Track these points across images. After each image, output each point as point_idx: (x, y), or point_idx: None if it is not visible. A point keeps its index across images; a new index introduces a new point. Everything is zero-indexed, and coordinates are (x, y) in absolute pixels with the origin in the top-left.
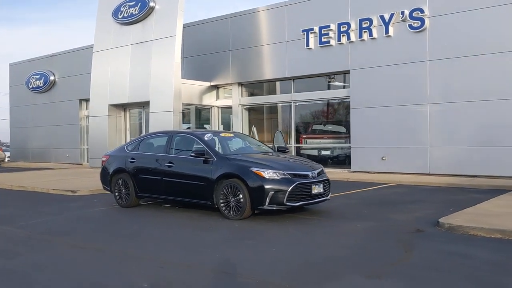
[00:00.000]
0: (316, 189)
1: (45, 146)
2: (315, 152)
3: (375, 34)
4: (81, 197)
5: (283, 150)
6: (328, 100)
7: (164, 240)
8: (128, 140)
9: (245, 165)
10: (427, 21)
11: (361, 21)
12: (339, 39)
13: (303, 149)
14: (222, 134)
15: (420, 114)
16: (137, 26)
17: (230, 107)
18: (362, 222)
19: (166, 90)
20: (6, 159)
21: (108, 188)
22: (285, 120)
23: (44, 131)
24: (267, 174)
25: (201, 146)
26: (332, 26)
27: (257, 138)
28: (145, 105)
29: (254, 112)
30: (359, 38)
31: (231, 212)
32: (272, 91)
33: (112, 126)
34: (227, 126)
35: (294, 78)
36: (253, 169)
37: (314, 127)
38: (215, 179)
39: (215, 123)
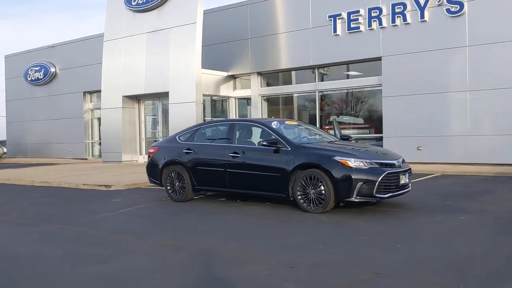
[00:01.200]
0: (403, 179)
1: (45, 141)
2: None
3: (409, 19)
4: (119, 192)
5: (346, 138)
6: (356, 88)
7: (260, 237)
8: (143, 132)
9: (327, 154)
10: (466, 5)
11: (393, 5)
12: (369, 25)
13: None
14: (287, 122)
15: (459, 102)
16: (152, 13)
17: (248, 98)
18: (462, 214)
19: (187, 80)
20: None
21: (158, 182)
22: (308, 110)
23: (44, 125)
24: (354, 163)
25: (271, 134)
26: (362, 11)
27: None
28: (161, 96)
29: (273, 102)
30: (391, 23)
31: (311, 205)
32: (290, 81)
33: (126, 119)
34: (244, 117)
35: (318, 67)
36: (337, 158)
37: (331, 118)
38: (291, 170)
39: (232, 115)
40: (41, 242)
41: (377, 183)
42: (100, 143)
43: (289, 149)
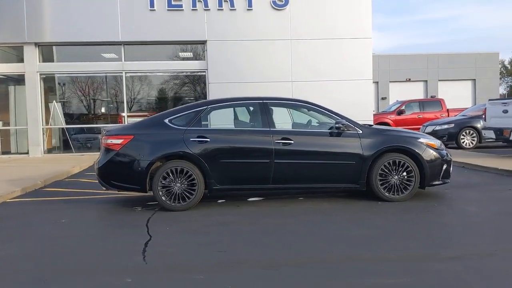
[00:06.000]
0: None
1: None
2: None
3: (236, 5)
4: (19, 208)
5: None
6: (175, 72)
7: (440, 236)
8: None
9: (412, 136)
10: (290, 0)
11: None
12: (193, 5)
13: None
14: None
15: (284, 91)
16: None
17: (16, 76)
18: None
19: None
20: None
21: (137, 187)
22: (109, 94)
23: None
24: (438, 144)
25: (333, 116)
26: None
27: (61, 116)
28: None
29: (60, 82)
30: (218, 7)
31: (394, 193)
32: (88, 57)
33: None
34: (4, 100)
35: (126, 44)
36: (423, 140)
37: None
38: (369, 156)
39: None
40: None
41: (451, 164)
42: None
43: (361, 132)
